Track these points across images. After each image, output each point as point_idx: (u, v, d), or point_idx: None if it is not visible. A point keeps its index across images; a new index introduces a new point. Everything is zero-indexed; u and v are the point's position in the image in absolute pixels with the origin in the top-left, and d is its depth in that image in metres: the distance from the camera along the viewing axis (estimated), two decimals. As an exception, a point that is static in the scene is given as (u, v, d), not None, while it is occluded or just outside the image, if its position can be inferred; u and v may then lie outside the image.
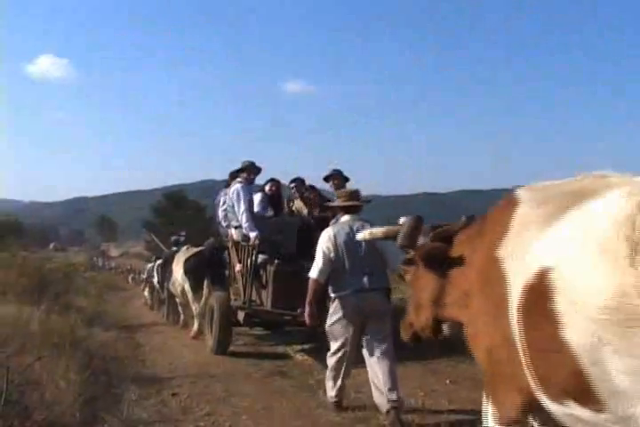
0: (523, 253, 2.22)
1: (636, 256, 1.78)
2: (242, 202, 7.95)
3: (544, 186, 2.46)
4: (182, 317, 11.85)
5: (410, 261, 3.34)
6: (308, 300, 5.17)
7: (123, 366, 7.33)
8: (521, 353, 2.21)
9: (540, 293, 2.05)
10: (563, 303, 1.98)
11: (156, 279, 15.20)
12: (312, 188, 8.74)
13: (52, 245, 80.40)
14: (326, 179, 8.09)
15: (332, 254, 5.08)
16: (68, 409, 4.35)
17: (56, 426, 4.02)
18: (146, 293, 20.40)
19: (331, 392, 5.32)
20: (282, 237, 7.58)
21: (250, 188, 8.31)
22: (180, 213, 48.74)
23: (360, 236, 4.25)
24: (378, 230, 3.87)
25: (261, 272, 8.09)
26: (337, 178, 7.98)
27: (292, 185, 8.74)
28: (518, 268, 2.22)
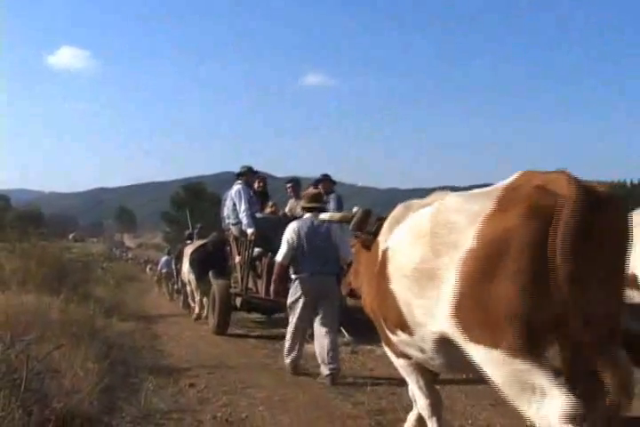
0: (385, 239, 3.57)
1: (432, 239, 2.90)
2: (243, 201, 8.94)
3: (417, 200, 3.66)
4: (191, 303, 12.75)
5: (357, 239, 4.47)
6: (273, 278, 6.66)
7: (140, 356, 7.39)
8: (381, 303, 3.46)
9: (383, 262, 3.38)
10: (392, 268, 3.27)
11: (173, 270, 16.41)
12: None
13: (71, 236, 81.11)
14: (316, 182, 9.11)
15: (294, 243, 6.26)
16: (86, 398, 4.37)
17: (74, 414, 4.03)
18: (162, 285, 20.81)
19: (287, 359, 6.42)
20: (274, 234, 8.05)
21: (249, 189, 9.30)
22: (199, 205, 49.00)
23: (323, 216, 5.23)
24: (337, 215, 5.02)
25: (257, 264, 9.31)
26: (326, 182, 9.20)
27: (289, 185, 9.68)
28: (381, 247, 3.56)
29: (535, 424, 2.48)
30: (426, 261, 2.92)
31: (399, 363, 3.75)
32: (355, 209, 4.44)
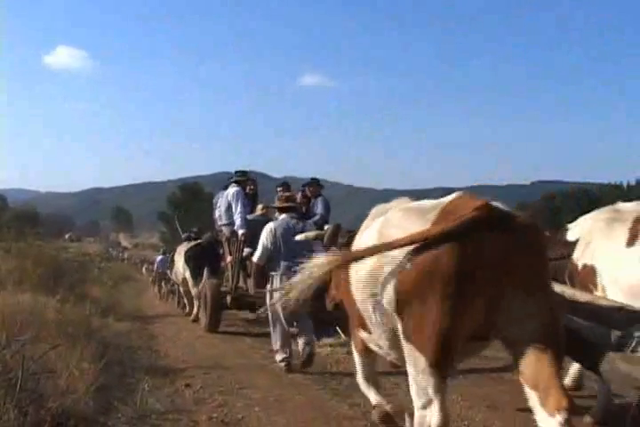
0: (359, 238, 3.87)
1: (381, 238, 3.29)
2: (239, 203, 9.41)
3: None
4: (186, 303, 13.05)
5: None
6: (252, 276, 7.78)
7: (136, 356, 7.38)
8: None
9: (346, 268, 3.57)
10: (352, 273, 3.53)
11: (168, 271, 16.72)
12: (304, 194, 9.89)
13: (67, 236, 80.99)
14: (304, 186, 9.75)
15: (270, 244, 6.71)
16: (82, 398, 4.36)
17: (70, 414, 4.03)
18: (159, 284, 20.93)
19: (278, 357, 6.79)
20: None
21: (243, 192, 9.81)
22: (195, 205, 48.95)
23: (298, 237, 5.64)
24: (311, 234, 5.55)
25: (247, 263, 9.29)
26: (314, 186, 9.75)
27: (279, 189, 9.83)
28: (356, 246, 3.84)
29: (417, 418, 3.09)
30: (375, 269, 3.23)
31: (357, 359, 4.18)
32: (326, 227, 5.38)
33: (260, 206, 10.13)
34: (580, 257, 4.26)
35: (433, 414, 3.02)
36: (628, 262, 3.49)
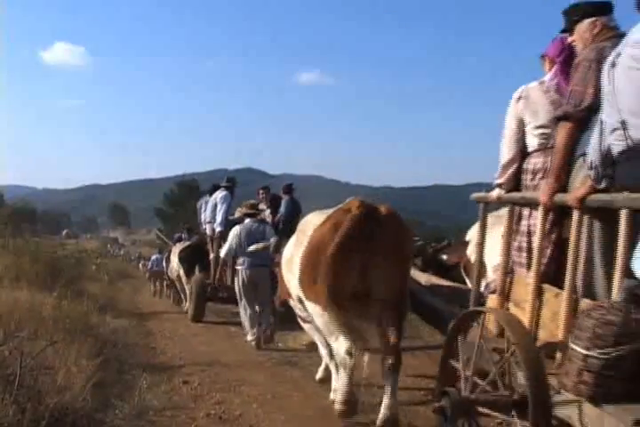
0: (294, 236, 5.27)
1: (296, 239, 4.95)
2: (225, 204, 10.60)
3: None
4: (183, 299, 13.58)
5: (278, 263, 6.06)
6: (219, 268, 10.41)
7: (134, 353, 7.38)
8: None
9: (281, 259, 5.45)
10: (282, 261, 5.22)
11: (164, 268, 17.57)
12: (275, 196, 10.88)
13: (64, 232, 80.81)
14: (261, 189, 11.08)
15: (234, 244, 8.07)
16: (79, 394, 4.36)
17: (68, 411, 4.03)
18: (154, 281, 21.22)
19: (249, 337, 8.12)
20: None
21: (231, 196, 10.89)
22: (191, 201, 48.92)
23: (251, 248, 7.84)
24: (260, 245, 7.76)
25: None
26: (265, 191, 10.98)
27: (261, 191, 11.08)
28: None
29: (334, 350, 4.53)
30: (292, 253, 4.92)
31: (305, 326, 5.60)
32: (272, 240, 7.71)
33: (239, 209, 10.57)
34: (470, 253, 5.36)
35: (340, 344, 4.31)
36: (495, 255, 4.01)
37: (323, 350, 5.36)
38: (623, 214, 2.69)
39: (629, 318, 2.50)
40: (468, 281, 4.77)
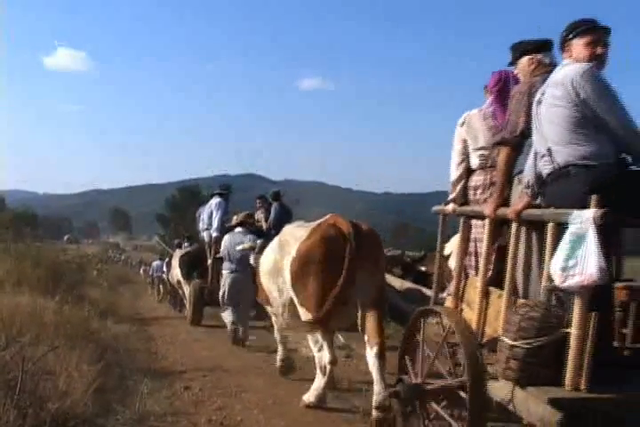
0: (270, 246, 5.93)
1: (279, 250, 5.38)
2: (220, 211, 10.92)
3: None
4: (185, 303, 13.68)
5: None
6: (217, 273, 10.12)
7: (135, 358, 7.37)
8: None
9: (258, 267, 6.07)
10: (262, 268, 5.75)
11: (165, 274, 18.33)
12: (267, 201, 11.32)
13: (66, 237, 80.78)
14: (258, 199, 11.54)
15: (224, 250, 8.90)
16: (81, 400, 4.36)
17: (69, 416, 4.04)
18: (157, 287, 21.41)
19: (231, 333, 8.89)
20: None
21: (226, 203, 11.22)
22: (193, 207, 48.94)
23: (238, 247, 8.10)
24: (246, 245, 7.76)
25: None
26: (262, 201, 11.42)
27: (258, 200, 11.61)
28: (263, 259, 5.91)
29: (316, 360, 5.26)
30: (277, 262, 5.37)
31: (276, 326, 6.22)
32: (258, 242, 7.58)
33: (234, 217, 10.90)
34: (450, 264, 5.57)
35: (325, 355, 4.96)
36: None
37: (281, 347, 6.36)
38: (549, 227, 3.20)
39: (549, 314, 3.04)
40: (399, 283, 5.61)
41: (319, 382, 5.25)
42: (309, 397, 5.27)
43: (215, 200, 11.20)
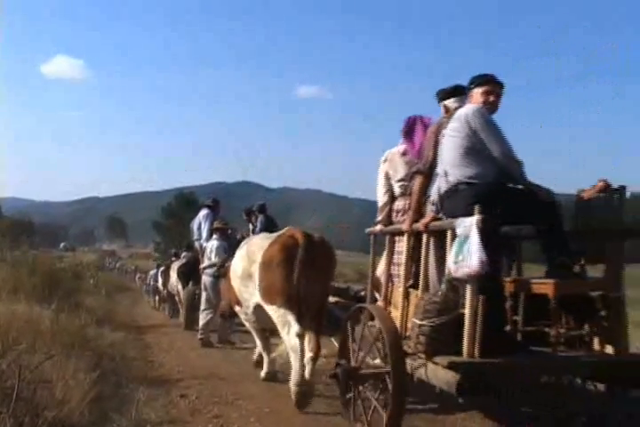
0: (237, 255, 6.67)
1: (248, 258, 6.13)
2: (207, 222, 11.34)
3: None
4: (181, 310, 13.92)
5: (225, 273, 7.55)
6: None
7: (132, 366, 7.35)
8: None
9: (229, 273, 6.88)
10: (233, 274, 6.50)
11: (160, 282, 19.47)
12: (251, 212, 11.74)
13: (62, 245, 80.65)
14: (243, 212, 11.69)
15: (205, 257, 10.16)
16: (77, 408, 4.35)
17: (66, 424, 4.02)
18: (150, 295, 21.76)
19: (201, 336, 9.73)
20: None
21: (214, 215, 11.62)
22: (189, 215, 48.89)
23: (202, 266, 10.08)
24: (206, 263, 9.86)
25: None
26: (249, 213, 11.62)
27: (245, 213, 11.78)
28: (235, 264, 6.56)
29: (286, 343, 5.60)
30: (246, 269, 6.08)
31: (248, 325, 6.81)
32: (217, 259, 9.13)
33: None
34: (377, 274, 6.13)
35: (291, 336, 5.41)
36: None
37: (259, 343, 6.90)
38: (448, 234, 4.12)
39: (447, 299, 3.88)
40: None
41: (296, 361, 5.46)
42: (292, 379, 5.51)
43: (203, 212, 11.70)
